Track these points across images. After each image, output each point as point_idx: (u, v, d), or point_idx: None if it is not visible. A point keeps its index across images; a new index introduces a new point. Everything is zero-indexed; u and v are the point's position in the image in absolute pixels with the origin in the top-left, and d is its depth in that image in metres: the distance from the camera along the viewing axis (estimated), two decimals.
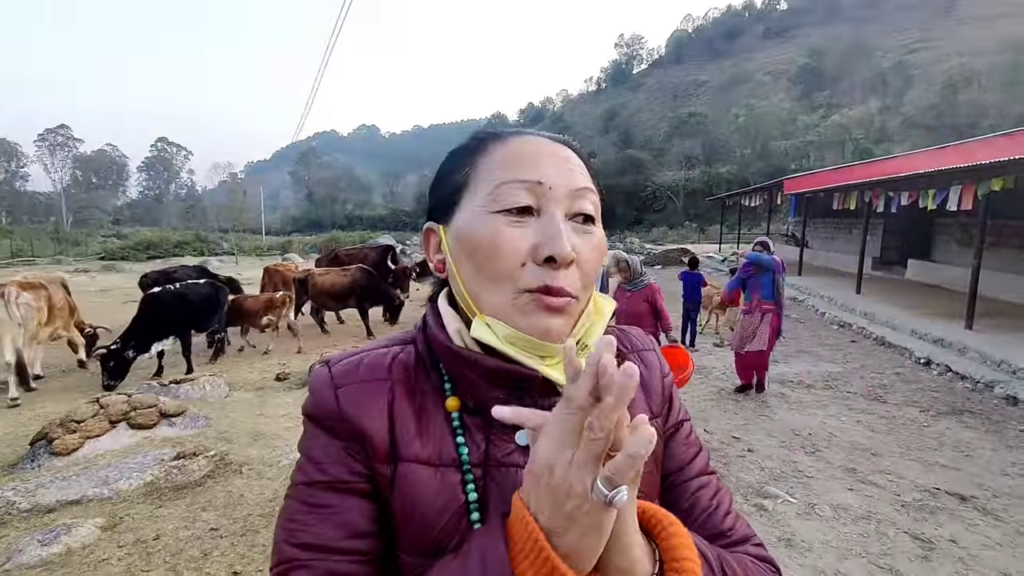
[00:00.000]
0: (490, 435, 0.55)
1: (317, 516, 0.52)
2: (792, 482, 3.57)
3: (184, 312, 6.52)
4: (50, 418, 4.20)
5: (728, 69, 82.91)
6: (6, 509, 3.08)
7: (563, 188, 0.54)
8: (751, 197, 19.32)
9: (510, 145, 0.56)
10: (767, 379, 5.65)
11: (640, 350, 0.68)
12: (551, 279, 0.51)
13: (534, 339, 0.51)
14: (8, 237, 33.42)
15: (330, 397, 0.55)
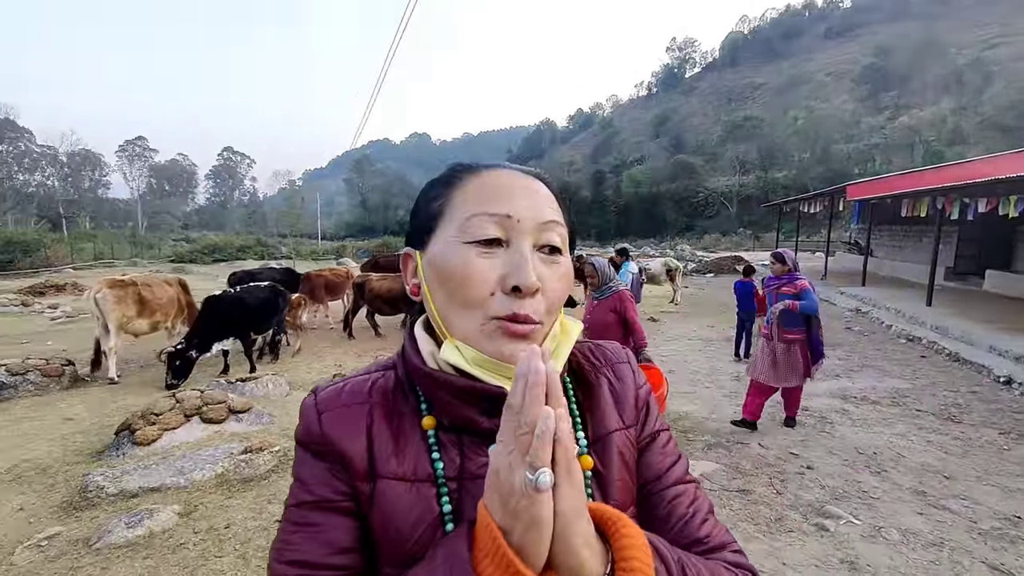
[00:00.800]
0: (464, 450, 0.58)
1: (304, 535, 0.56)
2: (856, 503, 3.41)
3: (243, 315, 6.79)
4: (132, 410, 4.55)
5: (786, 71, 79.97)
6: (96, 493, 3.35)
7: (531, 221, 0.57)
8: (810, 203, 18.51)
9: (483, 178, 0.60)
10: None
11: (613, 363, 0.70)
12: (518, 307, 0.54)
13: (498, 362, 0.55)
14: (92, 241, 36.18)
15: (315, 422, 0.59)
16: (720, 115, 75.43)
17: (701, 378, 6.46)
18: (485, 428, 0.57)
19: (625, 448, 0.64)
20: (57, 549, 2.86)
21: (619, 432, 0.64)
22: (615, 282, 3.79)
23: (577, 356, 0.69)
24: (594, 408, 0.65)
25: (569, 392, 0.65)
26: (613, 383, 0.68)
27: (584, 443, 0.62)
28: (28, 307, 12.76)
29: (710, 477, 3.71)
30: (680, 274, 13.21)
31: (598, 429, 0.63)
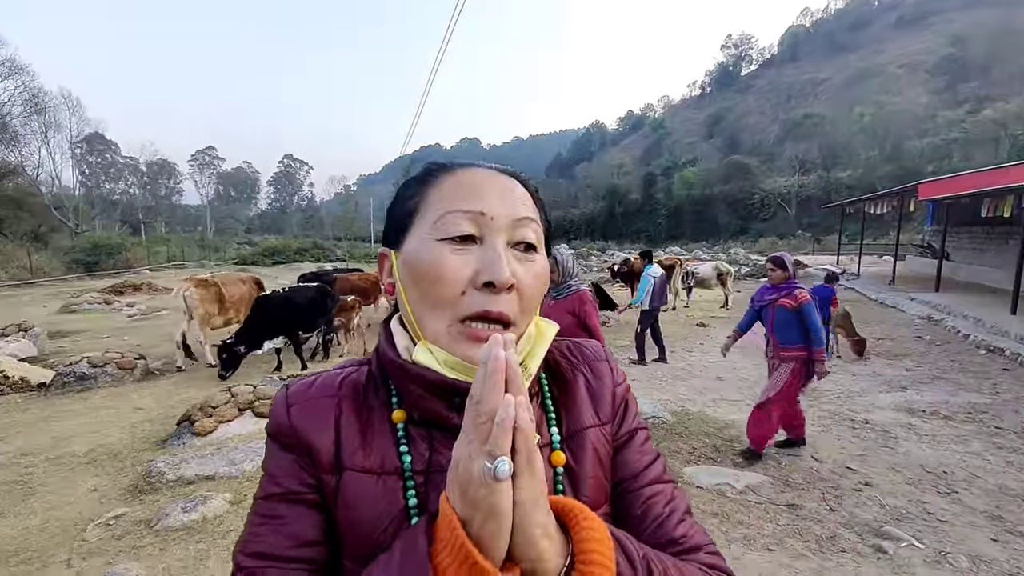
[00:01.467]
0: (433, 444, 0.57)
1: (269, 527, 0.55)
2: (920, 525, 3.17)
3: (291, 314, 7.00)
4: (192, 402, 4.83)
5: (852, 64, 75.76)
6: (157, 478, 3.58)
7: (504, 218, 0.57)
8: (877, 203, 17.45)
9: (457, 177, 0.59)
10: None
11: (591, 360, 0.70)
12: (491, 304, 0.54)
13: (470, 365, 0.54)
14: (166, 244, 38.76)
15: (284, 414, 0.59)
16: (778, 113, 72.49)
17: (751, 386, 6.19)
18: (455, 424, 0.55)
19: (600, 445, 0.63)
20: (122, 528, 3.07)
21: (594, 429, 0.64)
22: (576, 280, 3.38)
23: (554, 353, 0.68)
24: (569, 404, 0.64)
25: (544, 388, 0.65)
26: (590, 380, 0.67)
27: (557, 439, 0.61)
28: (109, 305, 13.79)
29: (755, 489, 3.55)
30: (731, 278, 12.75)
31: (572, 425, 0.63)
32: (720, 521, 3.17)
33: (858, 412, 5.23)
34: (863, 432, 4.71)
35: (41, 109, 39.17)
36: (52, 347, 8.66)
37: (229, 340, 6.52)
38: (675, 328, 9.90)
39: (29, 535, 3.04)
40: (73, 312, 12.90)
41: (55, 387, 6.02)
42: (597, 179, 70.43)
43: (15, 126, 36.23)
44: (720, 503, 3.39)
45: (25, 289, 19.44)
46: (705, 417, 5.08)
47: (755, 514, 3.25)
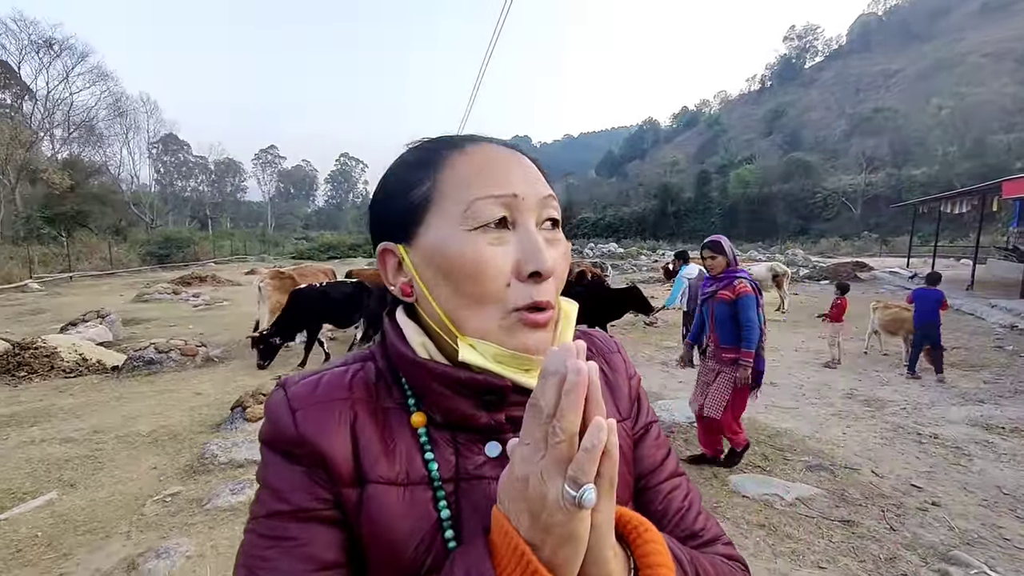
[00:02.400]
0: (459, 448, 0.53)
1: (280, 550, 0.49)
2: (994, 551, 2.90)
3: (324, 308, 7.11)
4: (246, 389, 5.05)
5: (930, 54, 70.80)
6: (211, 460, 3.76)
7: (533, 197, 0.53)
8: (954, 202, 16.22)
9: (473, 156, 0.54)
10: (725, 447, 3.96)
11: (605, 352, 0.67)
12: (538, 293, 0.51)
13: (521, 355, 0.51)
14: (229, 239, 40.96)
15: (287, 421, 0.52)
16: (845, 108, 68.66)
17: (807, 393, 5.88)
18: (483, 424, 0.53)
19: (622, 441, 0.59)
20: (177, 506, 3.24)
21: (617, 424, 0.60)
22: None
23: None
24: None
25: None
26: (607, 373, 0.65)
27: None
28: (177, 295, 14.69)
29: (807, 502, 3.35)
30: (788, 280, 12.15)
31: None
32: (767, 534, 3.01)
33: (926, 426, 4.86)
34: (931, 448, 4.37)
35: (123, 112, 42.34)
36: (126, 333, 9.30)
37: (265, 332, 6.76)
38: None
39: (96, 507, 3.26)
40: (146, 301, 13.82)
41: (126, 370, 6.45)
42: (649, 177, 68.96)
43: (100, 128, 39.24)
44: (767, 515, 3.22)
45: (105, 279, 21.02)
46: (756, 423, 4.86)
47: (805, 528, 3.07)
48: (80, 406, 5.24)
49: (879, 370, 6.94)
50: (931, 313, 6.42)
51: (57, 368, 6.34)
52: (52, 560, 2.69)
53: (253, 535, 0.51)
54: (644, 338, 8.93)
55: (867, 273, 19.04)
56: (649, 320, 9.87)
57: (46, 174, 27.41)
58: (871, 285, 16.94)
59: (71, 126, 35.72)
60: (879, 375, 6.71)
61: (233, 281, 19.02)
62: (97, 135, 38.44)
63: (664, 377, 6.51)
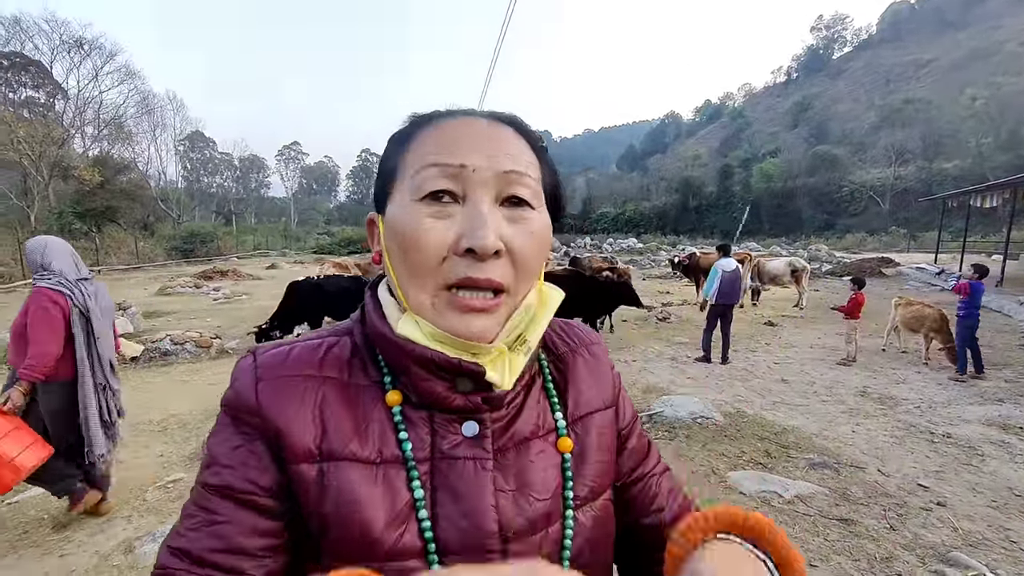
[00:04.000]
0: (435, 427, 0.52)
1: (200, 521, 0.48)
2: (999, 554, 2.80)
3: (320, 301, 7.15)
4: None
5: (964, 43, 68.40)
6: None
7: (489, 171, 0.50)
8: (985, 196, 15.65)
9: (438, 128, 0.52)
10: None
11: (587, 343, 0.67)
12: (475, 270, 0.48)
13: (457, 339, 0.50)
14: (252, 234, 41.73)
15: (250, 390, 0.51)
16: (874, 99, 66.75)
17: (819, 390, 5.76)
18: (457, 404, 0.52)
19: (605, 429, 0.62)
20: (178, 491, 3.34)
21: (599, 413, 0.62)
22: (48, 273, 2.71)
23: (551, 334, 0.66)
24: (572, 389, 0.61)
25: (544, 370, 0.61)
26: (588, 362, 0.65)
27: (563, 424, 0.58)
28: (199, 289, 15.05)
29: (806, 500, 3.29)
30: (807, 275, 11.89)
31: (577, 409, 0.60)
32: None
33: (939, 425, 4.72)
34: (943, 447, 4.25)
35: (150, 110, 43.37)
36: (146, 325, 9.56)
37: (266, 326, 6.78)
38: (741, 327, 9.38)
39: None
40: (168, 294, 14.18)
41: (143, 360, 6.64)
42: (670, 172, 68.11)
43: (129, 126, 40.28)
44: (763, 512, 3.16)
45: (132, 273, 21.63)
46: (761, 420, 4.78)
47: (801, 526, 3.01)
48: None
49: (896, 367, 6.75)
50: (978, 307, 6.20)
51: None
52: (55, 542, 2.79)
53: (189, 503, 0.50)
54: (655, 333, 8.84)
55: (892, 269, 18.52)
56: (663, 315, 9.77)
57: (78, 171, 28.26)
58: (895, 281, 16.48)
59: (101, 124, 36.70)
60: (896, 372, 6.53)
61: (254, 276, 19.40)
62: (126, 132, 39.41)
63: (673, 373, 6.44)
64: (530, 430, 0.56)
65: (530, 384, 0.59)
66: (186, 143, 64.17)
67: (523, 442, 0.55)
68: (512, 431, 0.55)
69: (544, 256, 0.54)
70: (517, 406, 0.57)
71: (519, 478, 0.53)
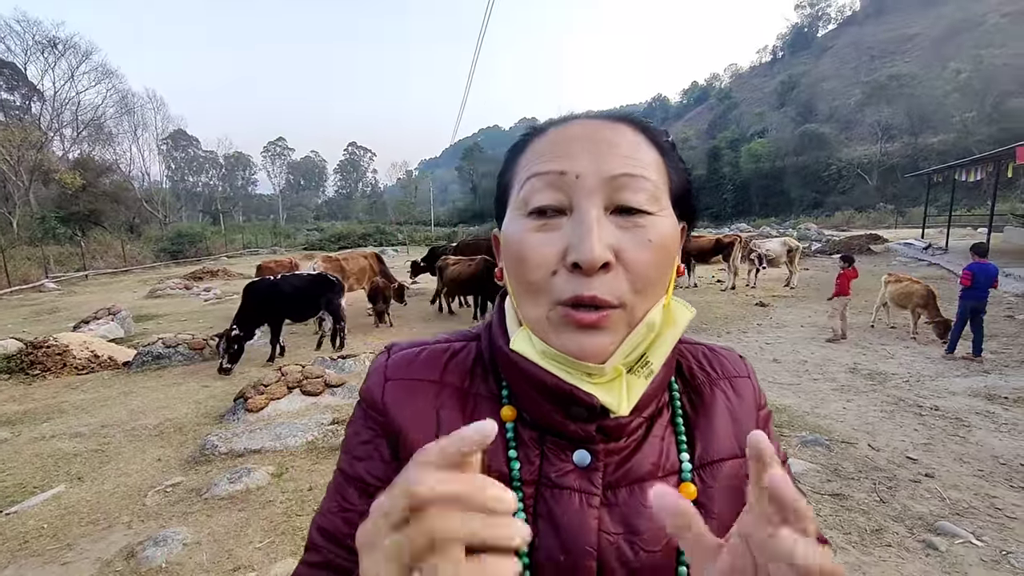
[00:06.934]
0: (544, 451, 0.50)
1: (337, 506, 0.52)
2: (984, 521, 2.88)
3: (278, 302, 6.77)
4: (250, 380, 5.15)
5: (948, 16, 68.37)
6: (211, 451, 3.85)
7: (594, 176, 0.46)
8: (969, 170, 15.80)
9: (548, 136, 0.51)
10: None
11: (731, 376, 0.59)
12: (583, 287, 0.45)
13: (569, 358, 0.47)
14: (241, 232, 41.35)
15: (378, 388, 0.54)
16: (860, 76, 66.70)
17: (810, 369, 5.84)
18: (571, 432, 0.49)
19: (738, 480, 0.52)
20: (177, 495, 3.35)
21: (732, 461, 0.53)
22: None
23: (689, 360, 0.59)
24: (705, 427, 0.54)
25: (675, 401, 0.55)
26: (731, 400, 0.57)
27: (688, 467, 0.52)
28: (189, 290, 14.93)
29: (799, 477, 3.36)
30: (799, 254, 12.00)
31: (708, 453, 0.53)
32: None
33: (927, 398, 4.81)
34: (931, 419, 4.34)
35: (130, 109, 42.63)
36: (138, 329, 9.49)
37: (236, 333, 6.28)
38: (732, 308, 9.48)
39: (101, 499, 3.37)
40: (158, 297, 14.07)
41: (135, 365, 6.60)
42: None
43: (109, 126, 39.63)
44: None
45: (119, 276, 21.40)
46: None
47: None
48: (90, 402, 5.39)
49: (885, 343, 6.86)
50: (986, 290, 6.08)
51: (69, 365, 6.51)
52: (56, 550, 2.80)
53: (332, 484, 0.55)
54: None
55: (880, 246, 18.69)
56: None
57: (58, 174, 27.83)
58: (884, 258, 16.64)
59: (79, 125, 36.15)
60: (885, 348, 6.63)
61: (244, 275, 19.22)
62: (106, 133, 38.88)
63: None
64: (648, 469, 0.51)
65: (656, 416, 0.53)
66: (169, 142, 63.26)
67: (638, 481, 0.50)
68: (628, 467, 0.50)
69: (668, 266, 0.50)
70: (638, 439, 0.52)
71: (628, 522, 0.48)
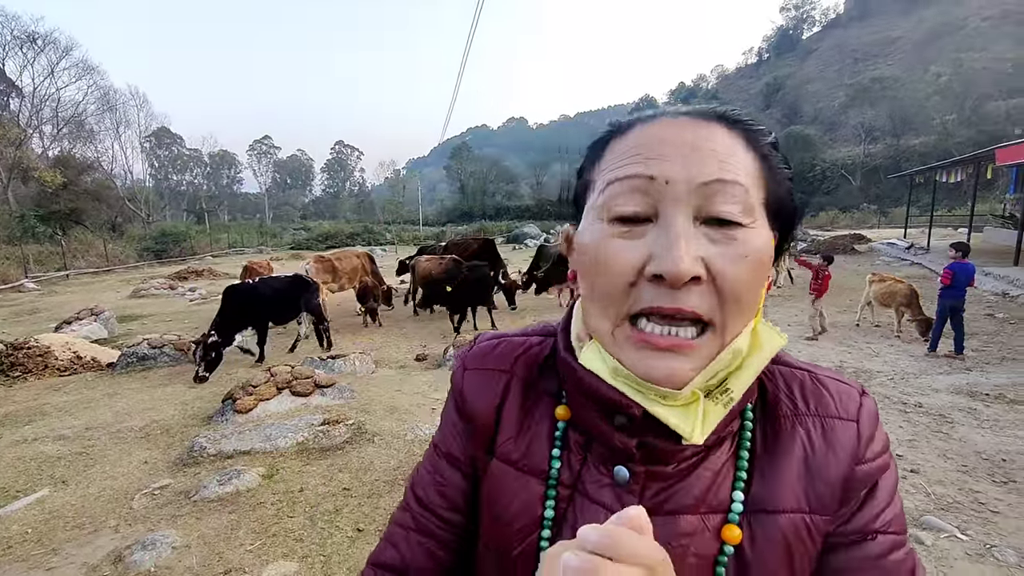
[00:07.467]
0: (587, 457, 0.50)
1: (430, 478, 0.59)
2: (968, 515, 2.94)
3: (258, 306, 6.71)
4: (238, 381, 5.09)
5: (930, 19, 69.67)
6: (200, 452, 3.80)
7: (684, 183, 0.42)
8: (950, 171, 16.12)
9: (632, 135, 0.47)
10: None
11: (828, 415, 0.49)
12: (665, 299, 0.41)
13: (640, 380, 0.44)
14: (226, 232, 40.84)
15: (459, 376, 0.60)
16: (843, 78, 67.71)
17: None
18: (615, 443, 0.47)
19: (798, 539, 0.46)
20: (165, 498, 3.29)
21: (794, 515, 0.46)
22: None
23: (778, 387, 0.51)
24: (769, 469, 0.48)
25: (745, 432, 0.49)
26: (814, 443, 0.48)
27: (739, 508, 0.47)
28: (174, 290, 14.72)
29: None
30: (787, 254, 12.13)
31: (763, 499, 0.47)
32: None
33: (911, 395, 4.90)
34: (915, 416, 4.42)
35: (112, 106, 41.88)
36: (122, 329, 9.35)
37: (213, 339, 6.05)
38: None
39: (86, 502, 3.31)
40: (142, 297, 13.85)
41: (120, 367, 6.49)
42: None
43: (90, 123, 38.91)
44: None
45: (102, 276, 21.03)
46: None
47: None
48: (73, 404, 5.29)
49: (870, 341, 6.97)
50: (964, 288, 6.14)
51: (51, 367, 6.39)
52: (41, 556, 2.74)
53: (427, 453, 0.63)
54: None
55: (864, 245, 18.99)
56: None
57: (38, 172, 27.28)
58: (867, 257, 16.91)
59: (60, 122, 35.42)
60: (870, 346, 6.74)
61: (230, 274, 18.98)
62: (87, 131, 38.15)
63: None
64: (690, 502, 0.46)
65: (717, 443, 0.48)
66: (152, 140, 62.23)
67: (675, 512, 0.46)
68: (668, 494, 0.47)
69: (761, 284, 0.44)
70: (689, 467, 0.47)
71: None
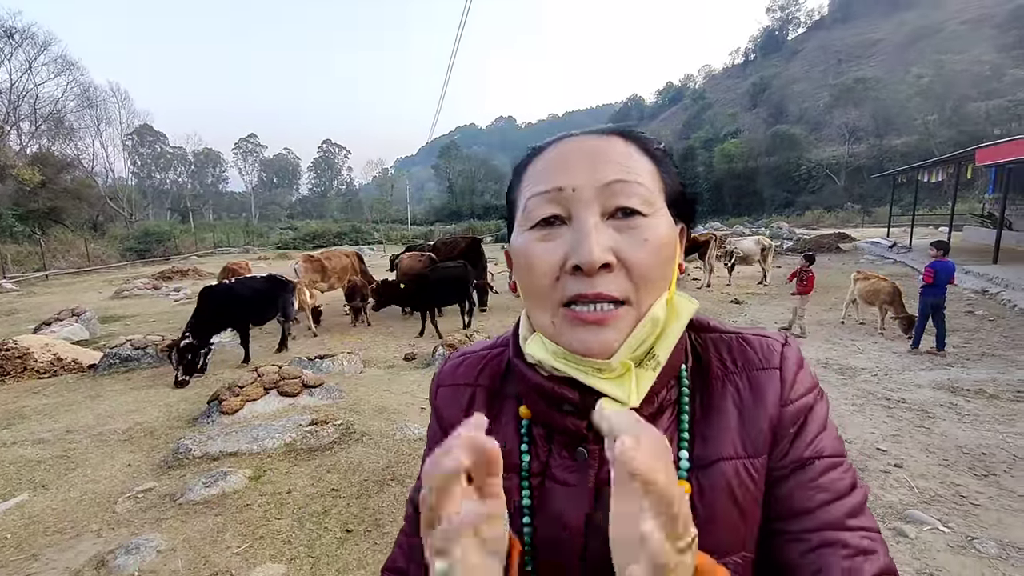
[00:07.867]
0: (552, 447, 0.56)
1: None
2: (950, 508, 3.00)
3: (235, 306, 6.65)
4: (224, 383, 5.02)
5: (911, 22, 70.73)
6: (185, 454, 3.75)
7: (590, 188, 0.51)
8: (931, 171, 16.39)
9: (545, 156, 0.55)
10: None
11: (752, 368, 0.56)
12: (585, 287, 0.49)
13: (577, 356, 0.50)
14: (212, 231, 40.34)
15: (434, 391, 0.66)
16: (828, 79, 68.51)
17: None
18: (569, 428, 0.54)
19: (739, 481, 0.52)
20: (149, 501, 3.24)
21: (734, 461, 0.52)
22: None
23: (711, 352, 0.58)
24: (705, 426, 0.54)
25: (683, 398, 0.55)
26: (742, 396, 0.55)
27: (685, 466, 0.52)
28: (157, 290, 14.52)
29: None
30: (772, 253, 12.28)
31: (706, 453, 0.53)
32: None
33: (895, 391, 4.98)
34: (898, 412, 4.49)
35: (92, 103, 41.10)
36: (104, 330, 9.19)
37: (187, 342, 5.89)
38: (708, 305, 9.63)
39: (68, 507, 3.25)
40: (125, 297, 13.64)
41: (102, 368, 6.38)
42: None
43: (70, 120, 38.14)
44: None
45: (83, 276, 20.66)
46: None
47: None
48: (54, 406, 5.19)
49: (855, 338, 7.06)
50: (944, 286, 6.24)
51: (31, 369, 6.26)
52: (20, 561, 2.69)
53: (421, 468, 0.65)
54: None
55: (848, 244, 19.24)
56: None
57: (15, 170, 26.70)
58: (852, 256, 17.14)
59: (38, 119, 34.63)
60: (855, 343, 6.83)
61: (215, 274, 18.79)
62: (67, 128, 37.28)
63: None
64: None
65: (659, 412, 0.54)
66: (134, 137, 61.20)
67: None
68: None
69: (668, 264, 0.52)
70: None
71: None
